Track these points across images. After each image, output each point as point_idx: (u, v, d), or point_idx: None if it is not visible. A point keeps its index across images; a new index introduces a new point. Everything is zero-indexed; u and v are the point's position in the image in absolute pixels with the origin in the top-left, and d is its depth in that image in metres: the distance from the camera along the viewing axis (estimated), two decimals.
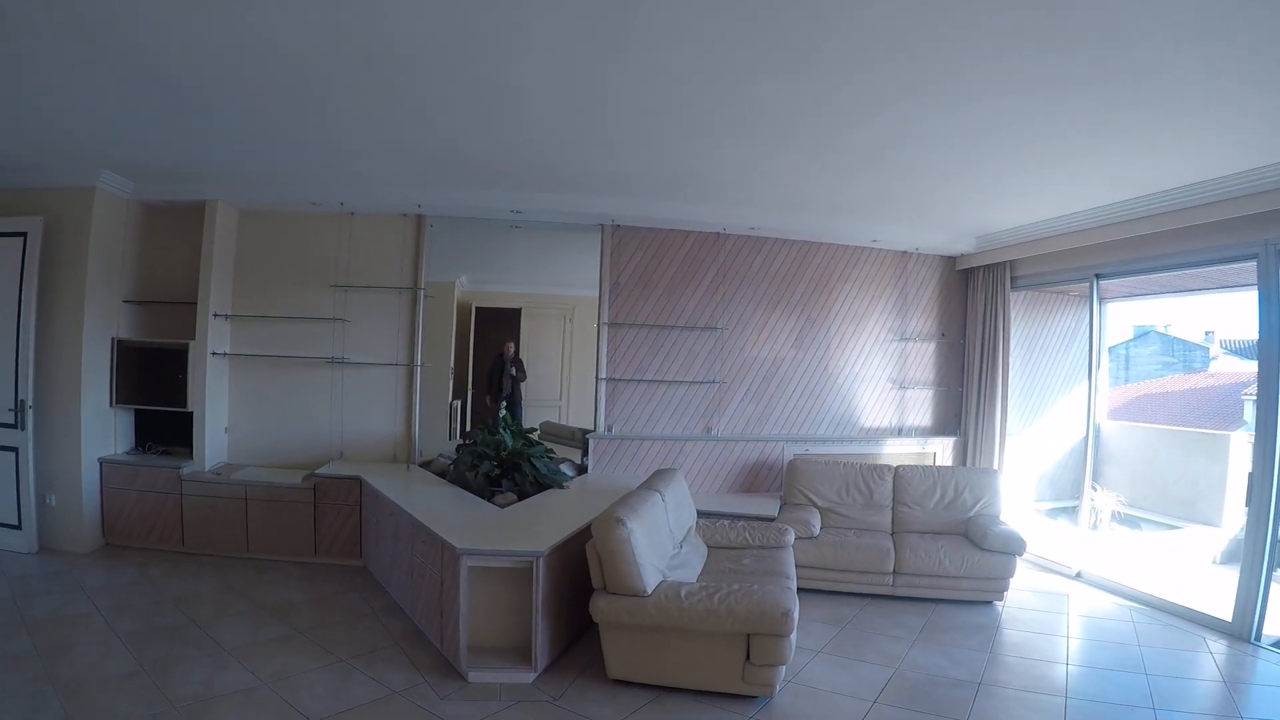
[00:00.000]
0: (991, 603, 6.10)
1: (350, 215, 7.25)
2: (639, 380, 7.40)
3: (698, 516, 6.13)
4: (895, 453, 7.84)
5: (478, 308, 8.16)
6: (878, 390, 7.96)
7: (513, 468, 6.35)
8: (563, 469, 6.82)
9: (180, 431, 7.02)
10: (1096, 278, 6.97)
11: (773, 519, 6.45)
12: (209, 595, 5.78)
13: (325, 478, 6.64)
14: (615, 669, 4.47)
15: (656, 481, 5.67)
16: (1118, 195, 5.99)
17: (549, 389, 8.09)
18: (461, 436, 7.43)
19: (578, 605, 4.81)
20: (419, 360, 7.28)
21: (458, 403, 7.94)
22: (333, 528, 6.62)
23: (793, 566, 5.51)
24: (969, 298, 8.11)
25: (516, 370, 8.05)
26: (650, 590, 4.36)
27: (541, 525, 5.18)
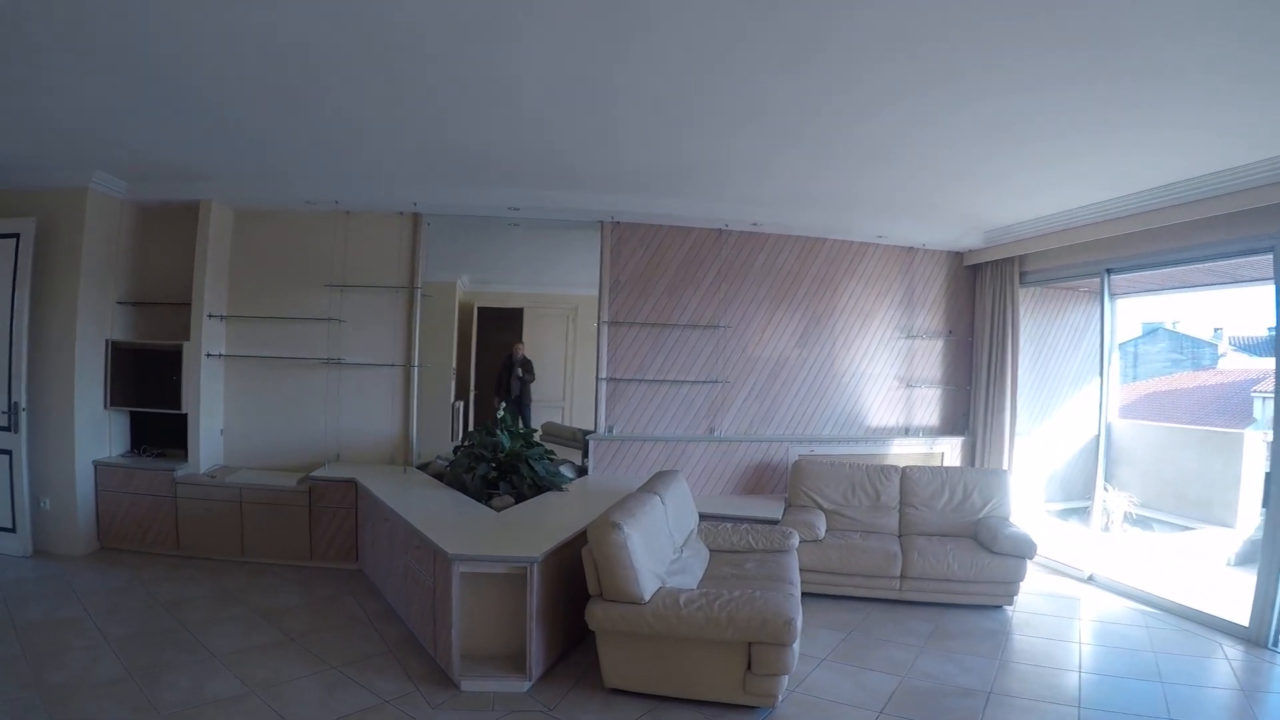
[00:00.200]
0: (1001, 607, 6.00)
1: (346, 214, 7.21)
2: (640, 380, 7.34)
3: (700, 519, 6.06)
4: (902, 453, 7.75)
5: (480, 308, 8.13)
6: (884, 389, 7.87)
7: (511, 470, 6.30)
8: (562, 471, 6.76)
9: (176, 434, 6.99)
10: (1108, 272, 6.87)
11: (777, 522, 6.36)
12: (202, 599, 5.75)
13: (321, 480, 6.60)
14: (612, 678, 4.37)
15: (657, 484, 5.60)
16: (1129, 187, 5.89)
17: (552, 389, 8.06)
18: (463, 438, 7.37)
19: (575, 612, 4.68)
20: (416, 361, 7.23)
21: (460, 404, 7.89)
22: (328, 531, 6.58)
23: (797, 571, 5.41)
24: (977, 294, 8.02)
25: (524, 371, 7.99)
26: (648, 597, 4.27)
27: (538, 529, 5.11)
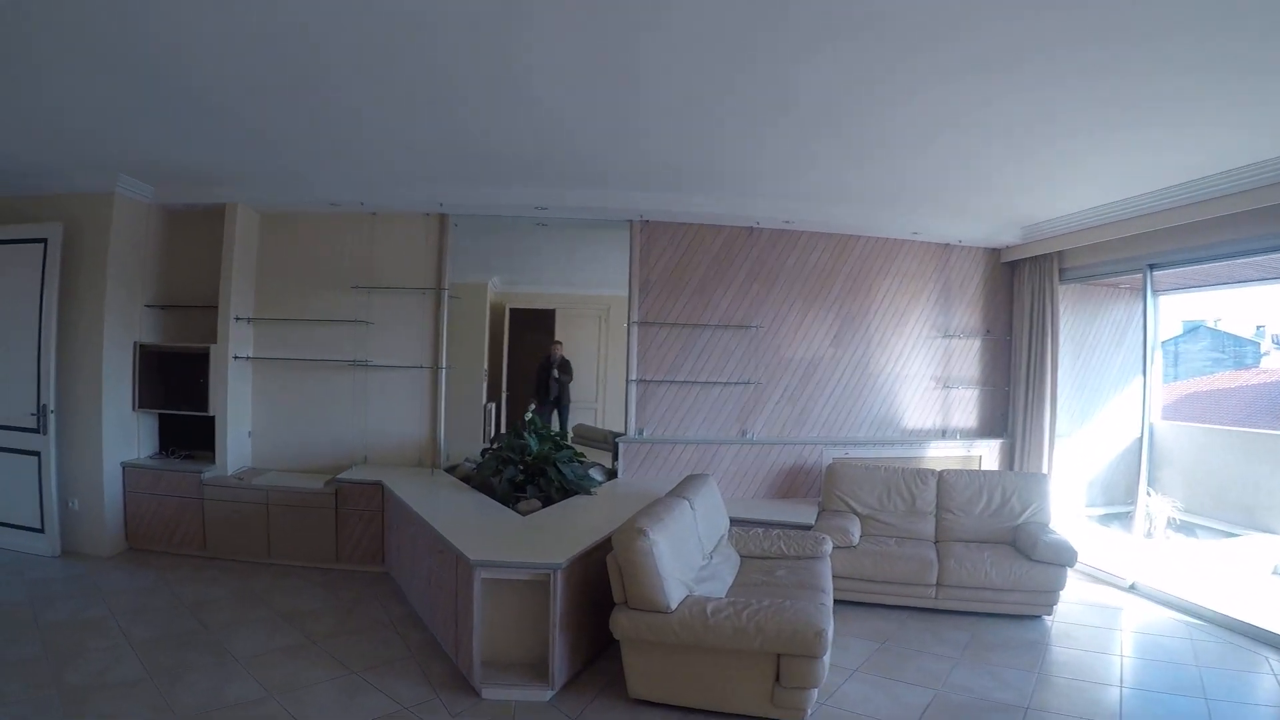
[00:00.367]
0: (1040, 617, 5.89)
1: (372, 216, 7.26)
2: (671, 381, 7.32)
3: (731, 524, 6.03)
4: (939, 456, 7.66)
5: (511, 309, 8.14)
6: (920, 390, 7.79)
7: (538, 473, 6.29)
8: (592, 474, 6.76)
9: (204, 436, 7.08)
10: (1150, 268, 6.74)
11: (809, 527, 6.31)
12: (227, 601, 5.83)
13: (347, 482, 6.65)
14: (637, 688, 4.34)
15: (686, 488, 5.57)
16: (1172, 179, 5.77)
17: (584, 391, 8.05)
18: (492, 440, 7.37)
19: (600, 620, 4.62)
20: (444, 362, 7.25)
21: (492, 405, 7.89)
22: (355, 533, 6.64)
23: (829, 579, 5.33)
24: (1015, 292, 7.91)
25: (559, 372, 7.98)
26: (674, 606, 4.21)
27: (564, 534, 5.09)
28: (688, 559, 4.73)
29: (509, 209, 7.01)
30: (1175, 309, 9.39)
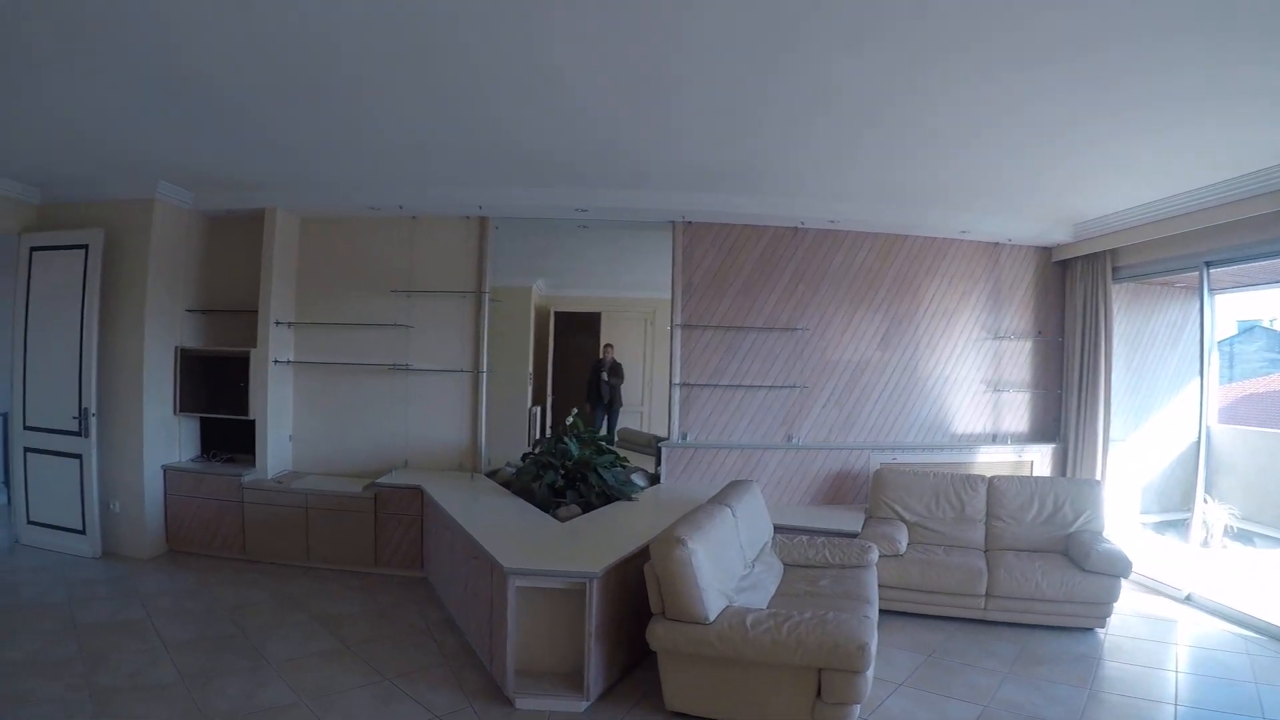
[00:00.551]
0: (1092, 630, 5.81)
1: (412, 219, 7.32)
2: (715, 385, 7.32)
3: (774, 531, 6.02)
4: (989, 461, 7.60)
5: (557, 312, 8.22)
6: (970, 393, 7.73)
7: (579, 478, 6.33)
8: (634, 479, 6.79)
9: (246, 439, 7.21)
10: (1206, 266, 6.63)
11: (856, 534, 6.28)
12: (264, 605, 5.93)
13: (386, 487, 6.73)
14: (674, 701, 4.30)
15: (729, 495, 5.55)
16: (1232, 172, 5.64)
17: (630, 394, 8.12)
18: (534, 444, 7.40)
19: (638, 629, 4.54)
20: (484, 366, 7.29)
21: (537, 409, 7.92)
22: (394, 538, 6.72)
23: (875, 589, 5.30)
24: (1067, 291, 7.82)
25: (610, 375, 7.99)
26: (713, 617, 4.18)
27: (602, 542, 5.10)
28: (728, 568, 4.69)
29: (549, 210, 7.03)
30: (1229, 308, 9.22)
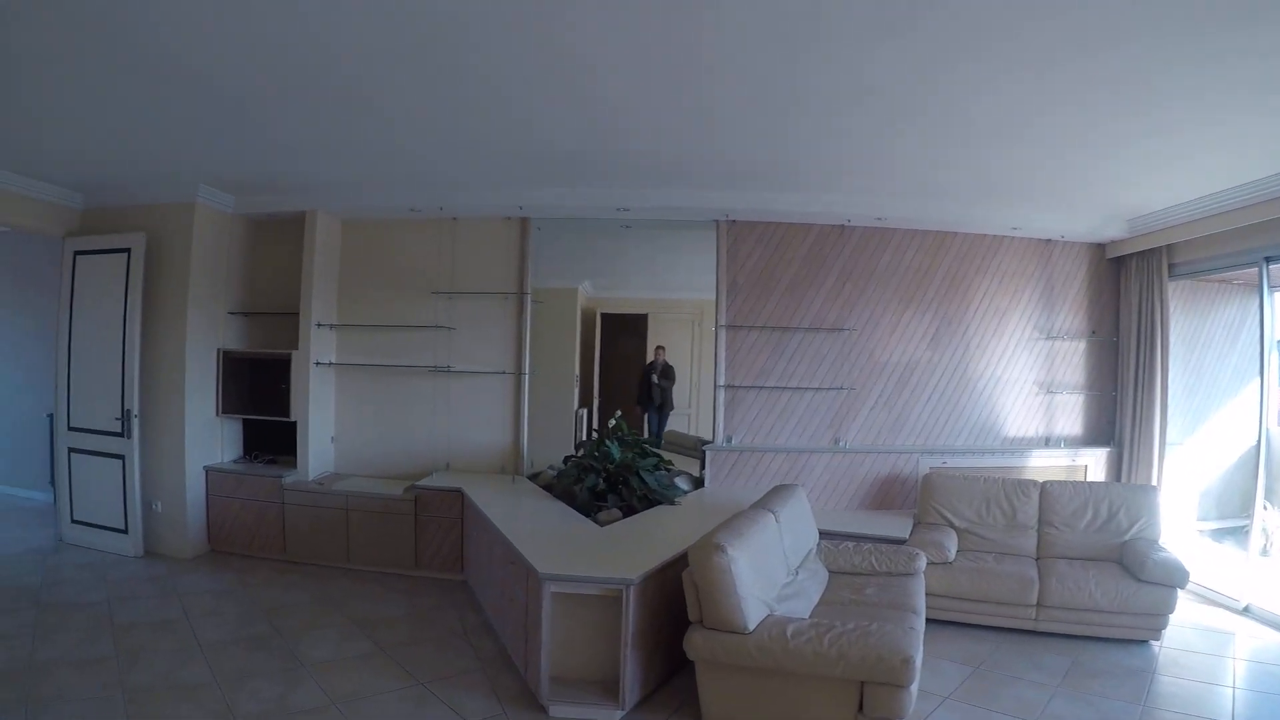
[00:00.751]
0: (1147, 642, 5.70)
1: (453, 220, 7.36)
2: (760, 387, 7.31)
3: (820, 537, 5.97)
4: (1041, 466, 7.47)
5: (603, 314, 8.21)
6: (1022, 395, 7.63)
7: (620, 481, 6.35)
8: (678, 483, 6.80)
9: (289, 441, 7.33)
10: (1266, 261, 6.46)
11: (903, 541, 6.25)
12: (302, 606, 6.04)
13: (426, 489, 6.81)
14: (711, 712, 4.27)
15: (772, 500, 5.48)
16: None
17: (678, 397, 8.13)
18: (576, 447, 7.44)
19: (676, 637, 4.47)
20: (526, 368, 7.33)
21: (584, 411, 7.94)
22: (434, 541, 6.80)
23: (922, 598, 5.22)
24: (1121, 289, 7.68)
25: (660, 377, 7.99)
26: (752, 627, 4.11)
27: (641, 547, 5.08)
28: (770, 576, 4.63)
29: (590, 211, 7.02)
30: None
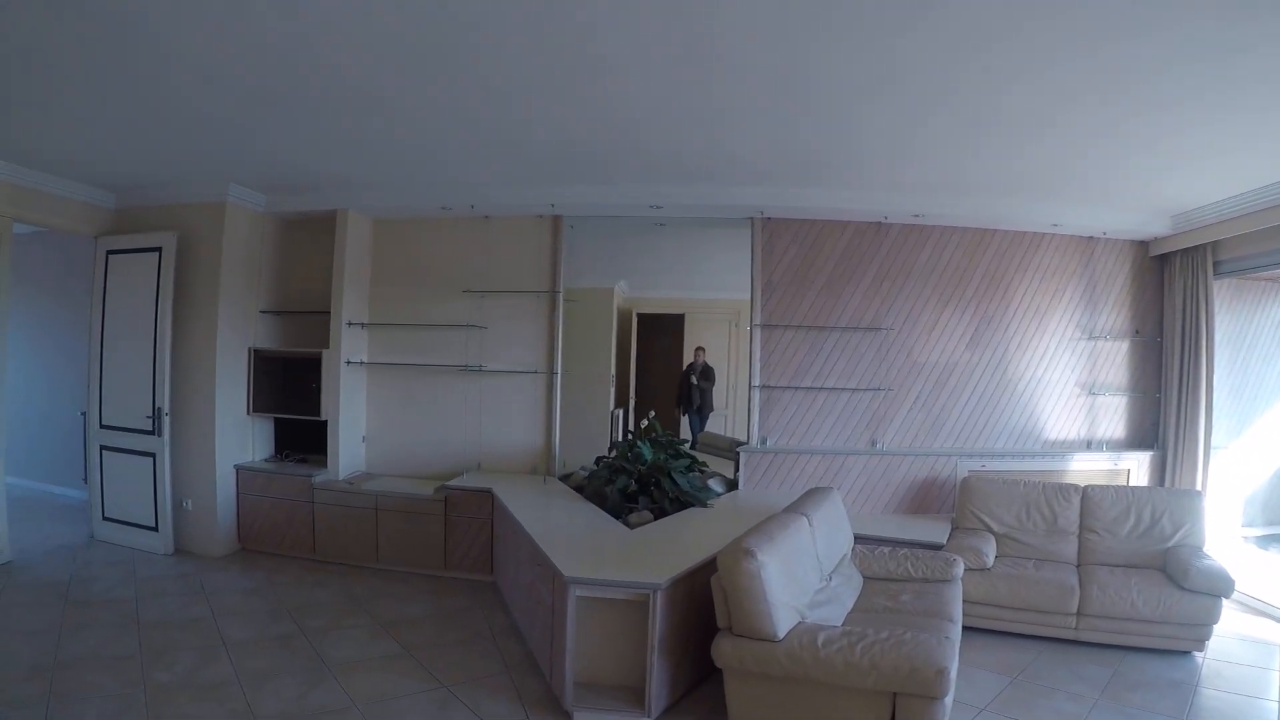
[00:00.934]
0: (1190, 653, 5.62)
1: (484, 219, 7.36)
2: (796, 387, 7.28)
3: (855, 542, 5.92)
4: (1083, 469, 7.39)
5: (639, 314, 8.21)
6: (1063, 397, 7.54)
7: (651, 483, 6.35)
8: (711, 485, 6.80)
9: (320, 440, 7.40)
10: None
11: (940, 546, 6.20)
12: (329, 605, 6.10)
13: (456, 489, 6.84)
14: None
15: (805, 503, 5.42)
16: None
17: (714, 397, 8.04)
18: (609, 448, 7.45)
19: (704, 643, 4.40)
20: (559, 367, 7.34)
21: (619, 411, 7.95)
22: (464, 541, 6.84)
23: (959, 606, 5.13)
24: (1165, 287, 7.56)
25: (700, 378, 7.99)
26: (782, 634, 4.03)
27: (671, 550, 5.06)
28: (802, 581, 4.55)
29: (622, 208, 7.02)
30: None
